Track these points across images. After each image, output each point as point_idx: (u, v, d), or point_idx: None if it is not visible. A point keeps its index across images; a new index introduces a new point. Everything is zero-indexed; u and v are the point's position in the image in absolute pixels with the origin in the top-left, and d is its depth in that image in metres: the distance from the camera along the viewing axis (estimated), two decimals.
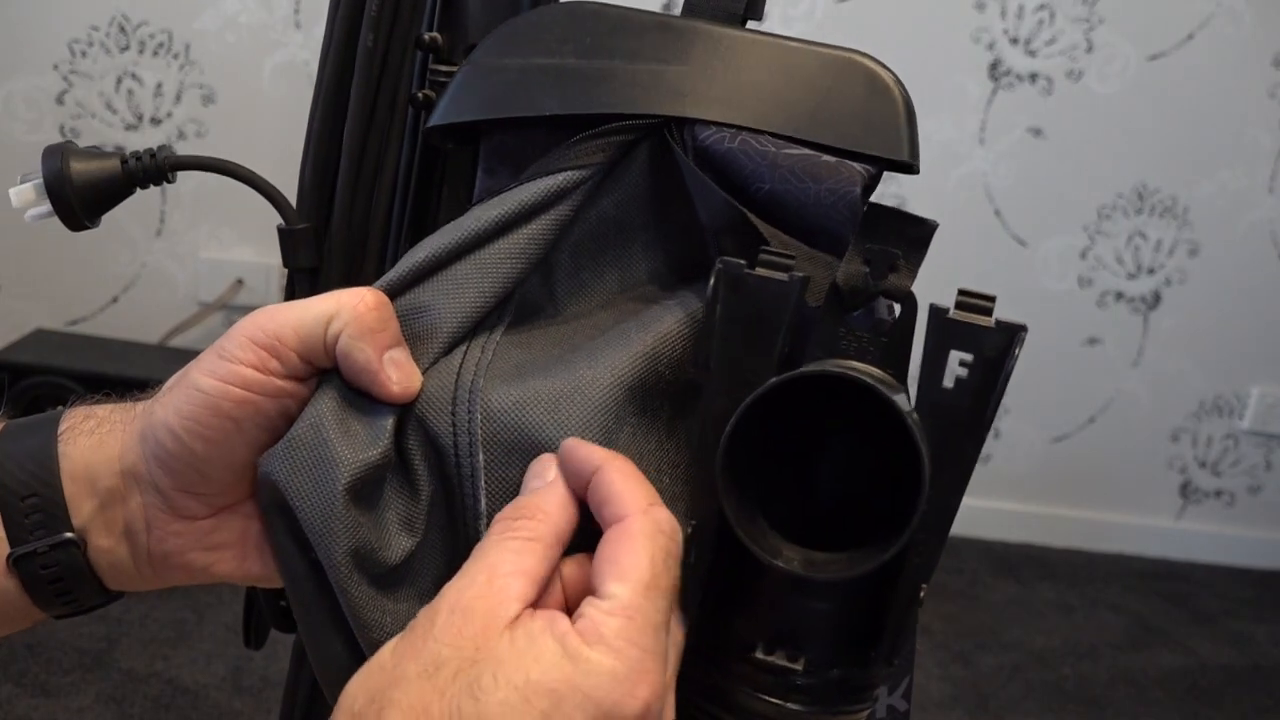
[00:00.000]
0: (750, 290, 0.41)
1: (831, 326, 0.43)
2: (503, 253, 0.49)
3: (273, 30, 2.03)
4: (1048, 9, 2.13)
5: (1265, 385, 2.37)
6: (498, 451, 0.44)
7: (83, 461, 0.45)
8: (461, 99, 0.52)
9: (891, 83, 0.48)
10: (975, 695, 1.83)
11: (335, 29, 0.59)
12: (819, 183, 0.47)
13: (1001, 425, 2.37)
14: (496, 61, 0.51)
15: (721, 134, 0.49)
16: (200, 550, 0.47)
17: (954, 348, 0.39)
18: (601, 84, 0.49)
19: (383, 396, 0.44)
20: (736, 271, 0.41)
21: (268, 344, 0.44)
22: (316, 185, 0.61)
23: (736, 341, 0.41)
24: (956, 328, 0.39)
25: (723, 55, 0.49)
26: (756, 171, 0.48)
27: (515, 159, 0.52)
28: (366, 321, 0.44)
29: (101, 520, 0.46)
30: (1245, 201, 2.25)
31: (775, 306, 0.41)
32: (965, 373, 0.39)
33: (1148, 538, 2.43)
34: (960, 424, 0.39)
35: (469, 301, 0.48)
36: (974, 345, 0.39)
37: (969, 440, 0.39)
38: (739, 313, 0.41)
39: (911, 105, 0.49)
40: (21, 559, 0.44)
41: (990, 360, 0.38)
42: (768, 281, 0.41)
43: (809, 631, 0.41)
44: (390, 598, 0.45)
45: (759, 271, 0.41)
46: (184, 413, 0.44)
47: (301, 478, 0.44)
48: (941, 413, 0.39)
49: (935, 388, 0.39)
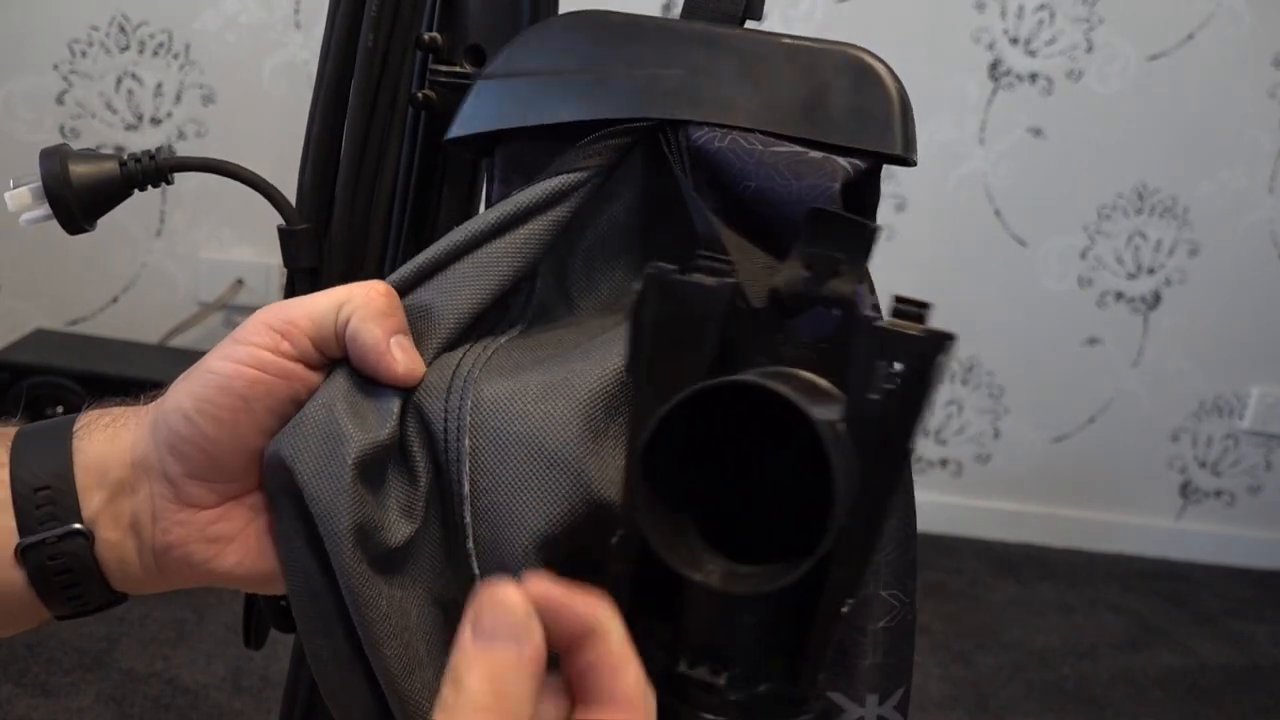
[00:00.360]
0: (679, 295, 0.40)
1: (773, 332, 0.42)
2: (498, 252, 0.50)
3: (273, 30, 2.03)
4: (1048, 9, 2.13)
5: (1265, 385, 2.37)
6: (484, 437, 0.45)
7: (95, 454, 0.46)
8: (475, 111, 0.53)
9: (884, 75, 0.48)
10: (975, 695, 1.83)
11: (335, 28, 0.59)
12: (800, 179, 0.47)
13: (1001, 425, 2.37)
14: (507, 73, 0.52)
15: (713, 133, 0.49)
16: (202, 542, 0.47)
17: (882, 357, 0.37)
18: (601, 90, 0.50)
19: (388, 376, 0.46)
20: (665, 276, 0.40)
21: (281, 327, 0.45)
22: (316, 185, 0.61)
23: (665, 347, 0.40)
24: (885, 336, 0.37)
25: (715, 55, 0.50)
26: (744, 169, 0.48)
27: (528, 168, 0.53)
28: (376, 305, 0.46)
29: (110, 513, 0.46)
30: (1245, 201, 2.25)
31: (704, 312, 0.40)
32: (893, 384, 0.37)
33: (1148, 538, 2.43)
34: (888, 436, 0.37)
35: (465, 299, 0.49)
36: (902, 354, 0.37)
37: (897, 453, 0.38)
38: (668, 318, 0.40)
39: (906, 98, 0.48)
40: (30, 549, 0.45)
41: (916, 370, 0.37)
42: (696, 287, 0.40)
43: (735, 644, 0.40)
44: (387, 582, 0.46)
45: (689, 277, 0.40)
46: (196, 395, 0.45)
47: (310, 454, 0.44)
48: (869, 424, 0.37)
49: (863, 398, 0.37)
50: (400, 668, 0.46)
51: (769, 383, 0.36)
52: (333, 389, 0.46)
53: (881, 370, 0.37)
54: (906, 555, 0.49)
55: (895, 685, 0.49)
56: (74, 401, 1.78)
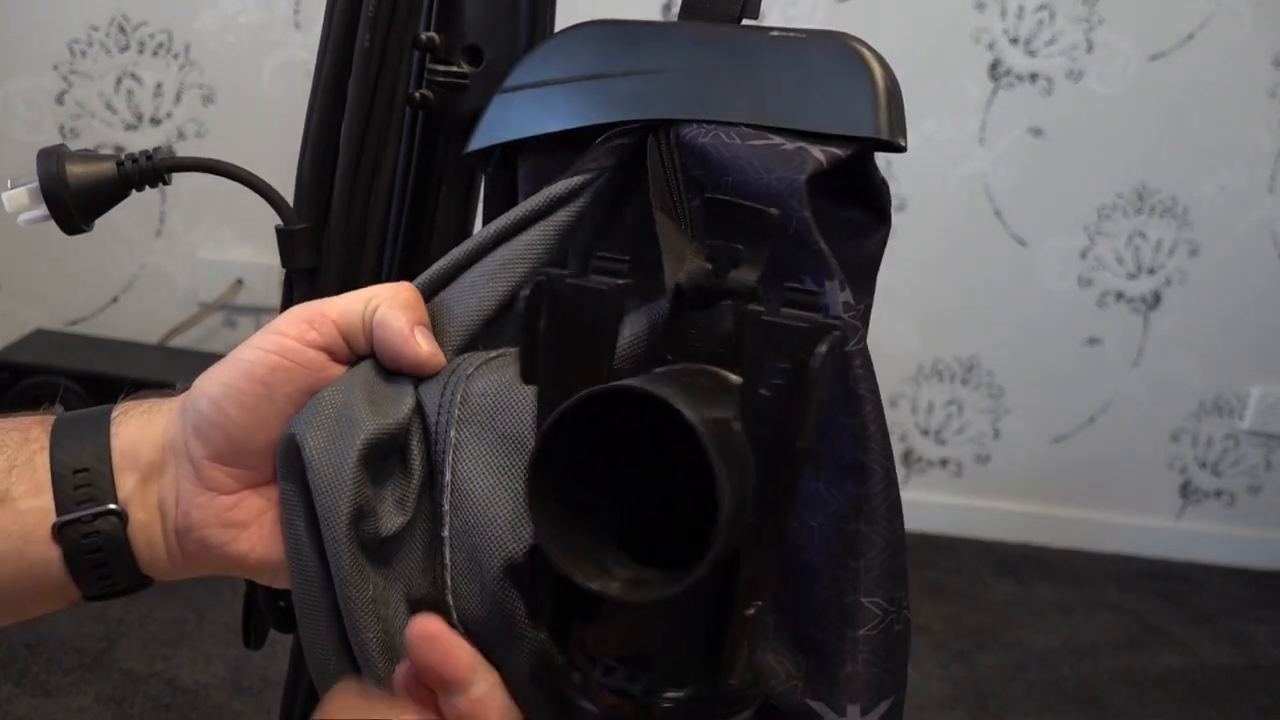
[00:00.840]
0: (570, 299, 0.39)
1: (681, 328, 0.41)
2: (501, 260, 0.51)
3: (273, 30, 2.03)
4: (1048, 9, 2.13)
5: (1265, 385, 2.37)
6: (469, 430, 0.47)
7: (130, 438, 0.49)
8: (490, 125, 0.55)
9: (869, 59, 0.47)
10: (975, 695, 1.83)
11: (332, 28, 0.59)
12: (770, 172, 0.47)
13: (1001, 425, 2.37)
14: (518, 86, 0.54)
15: (700, 129, 0.49)
16: (219, 526, 0.48)
17: (769, 350, 0.36)
18: (602, 95, 0.51)
19: (411, 359, 0.48)
20: (556, 281, 0.40)
21: (310, 317, 0.48)
22: (314, 185, 0.61)
23: (558, 352, 0.40)
24: (769, 329, 0.36)
25: (707, 52, 0.50)
26: (722, 164, 0.48)
27: (545, 180, 0.54)
28: (403, 297, 0.49)
29: (141, 495, 0.48)
30: (1245, 201, 2.25)
31: (596, 314, 0.39)
32: (783, 379, 0.36)
33: (1147, 538, 2.43)
34: (782, 432, 0.36)
35: (474, 307, 0.51)
36: (786, 347, 0.36)
37: (792, 452, 0.37)
38: (561, 322, 0.40)
39: (893, 81, 0.47)
40: (66, 527, 0.47)
41: (802, 363, 0.36)
42: (585, 290, 0.39)
43: (654, 650, 0.40)
44: (374, 570, 0.47)
45: (583, 280, 0.40)
46: (223, 379, 0.47)
47: (321, 433, 0.46)
48: (762, 421, 0.37)
49: (755, 394, 0.37)
50: (379, 653, 0.46)
51: (646, 386, 0.35)
52: (353, 377, 0.48)
53: (770, 364, 0.36)
54: (892, 562, 0.48)
55: (880, 697, 0.48)
56: (74, 402, 1.78)
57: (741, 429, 0.36)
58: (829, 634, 0.48)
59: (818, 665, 0.48)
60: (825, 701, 0.48)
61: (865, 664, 0.48)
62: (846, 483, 0.47)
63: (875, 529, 0.47)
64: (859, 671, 0.48)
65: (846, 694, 0.48)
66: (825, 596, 0.48)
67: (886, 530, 0.48)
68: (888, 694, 0.48)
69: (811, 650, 0.49)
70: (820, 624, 0.48)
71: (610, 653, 0.40)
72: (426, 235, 0.63)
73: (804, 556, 0.49)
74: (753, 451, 0.37)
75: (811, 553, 0.48)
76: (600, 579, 0.37)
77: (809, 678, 0.49)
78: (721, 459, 0.34)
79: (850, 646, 0.48)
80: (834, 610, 0.48)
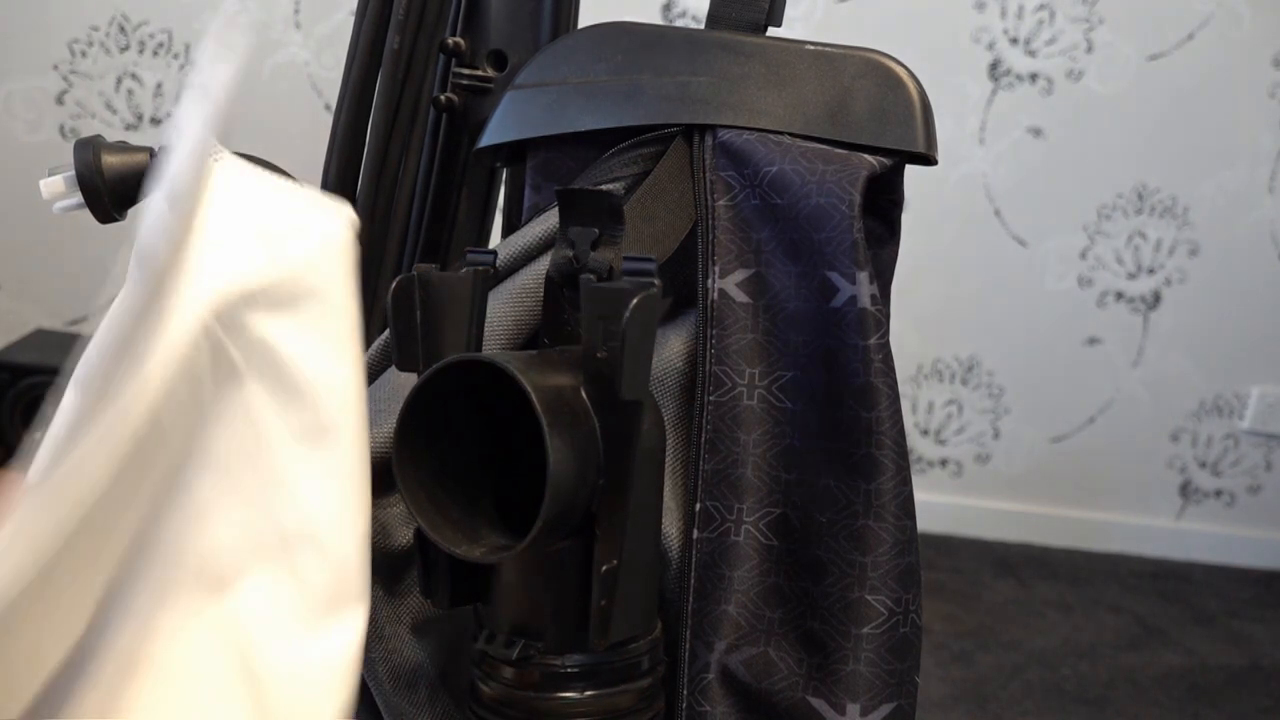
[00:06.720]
0: (436, 288, 0.43)
1: (558, 315, 0.45)
2: (521, 287, 0.52)
3: (273, 30, 2.03)
4: (1048, 9, 2.13)
5: (1265, 385, 2.38)
6: None
7: None
8: (505, 121, 0.56)
9: (906, 78, 0.50)
10: (975, 695, 1.83)
11: (362, 32, 0.59)
12: (829, 164, 0.49)
13: (1001, 425, 2.37)
14: (537, 83, 0.54)
15: (737, 133, 0.51)
16: None
17: (597, 314, 0.38)
18: (632, 98, 0.52)
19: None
20: (426, 274, 0.43)
21: None
22: (340, 185, 0.61)
23: (434, 337, 0.43)
24: (597, 294, 0.38)
25: (743, 62, 0.51)
26: (768, 156, 0.50)
27: (559, 175, 0.55)
28: None
29: None
30: (1245, 201, 2.25)
31: (458, 300, 0.43)
32: (615, 340, 0.38)
33: (1147, 538, 2.44)
34: (616, 389, 0.38)
35: (511, 321, 0.51)
36: (610, 309, 0.37)
37: (628, 409, 0.38)
38: (433, 310, 0.43)
39: (926, 99, 0.50)
40: None
41: (626, 323, 0.37)
42: (447, 278, 0.43)
43: (540, 621, 0.42)
44: (382, 584, 0.48)
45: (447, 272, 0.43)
46: None
47: None
48: (598, 384, 0.38)
49: (592, 358, 0.38)
50: (387, 674, 0.47)
51: (490, 357, 0.38)
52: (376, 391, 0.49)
53: (601, 328, 0.38)
54: (901, 561, 0.48)
55: (882, 699, 0.48)
56: None
57: (585, 394, 0.39)
58: (833, 630, 0.48)
59: (820, 662, 0.49)
60: (825, 699, 0.48)
61: (868, 663, 0.48)
62: (857, 478, 0.48)
63: (884, 525, 0.48)
64: (861, 670, 0.48)
65: (847, 692, 0.48)
66: (831, 592, 0.49)
67: (896, 528, 0.48)
68: (891, 697, 0.48)
69: (815, 647, 0.49)
70: (824, 620, 0.49)
71: (502, 628, 0.42)
72: (447, 234, 0.63)
73: (812, 552, 0.49)
74: (595, 414, 0.39)
75: (820, 548, 0.49)
76: (465, 545, 0.39)
77: (810, 674, 0.49)
78: (553, 417, 0.36)
79: (853, 644, 0.48)
80: (839, 606, 0.48)
